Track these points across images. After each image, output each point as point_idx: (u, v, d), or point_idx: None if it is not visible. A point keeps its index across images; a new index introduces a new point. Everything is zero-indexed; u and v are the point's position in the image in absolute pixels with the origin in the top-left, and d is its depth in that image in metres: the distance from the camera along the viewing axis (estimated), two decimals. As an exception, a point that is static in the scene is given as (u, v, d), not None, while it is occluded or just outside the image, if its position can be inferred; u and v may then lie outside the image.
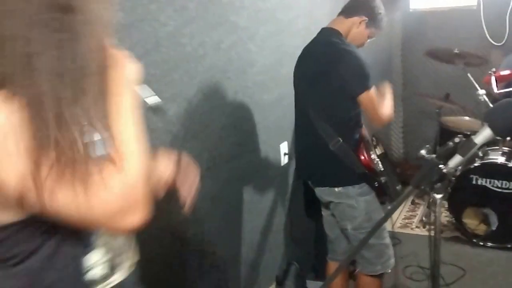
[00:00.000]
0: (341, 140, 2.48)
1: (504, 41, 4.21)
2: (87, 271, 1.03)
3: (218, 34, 2.43)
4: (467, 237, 3.92)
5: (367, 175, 2.54)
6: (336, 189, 2.59)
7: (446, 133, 4.30)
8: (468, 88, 3.91)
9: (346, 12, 2.60)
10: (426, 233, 4.08)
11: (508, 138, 3.73)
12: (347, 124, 2.54)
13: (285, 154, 3.14)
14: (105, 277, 1.13)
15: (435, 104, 4.29)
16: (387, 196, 2.70)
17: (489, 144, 3.67)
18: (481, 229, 3.80)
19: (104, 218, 0.86)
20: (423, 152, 1.55)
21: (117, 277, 1.18)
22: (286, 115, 3.07)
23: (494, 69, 3.73)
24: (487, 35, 4.42)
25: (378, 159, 2.66)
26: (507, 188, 3.64)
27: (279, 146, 3.10)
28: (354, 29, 2.56)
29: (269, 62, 2.91)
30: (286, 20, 3.07)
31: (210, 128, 2.42)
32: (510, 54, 4.41)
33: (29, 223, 0.86)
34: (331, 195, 2.64)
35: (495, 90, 3.70)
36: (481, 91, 3.72)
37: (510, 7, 4.07)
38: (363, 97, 2.42)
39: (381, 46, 4.48)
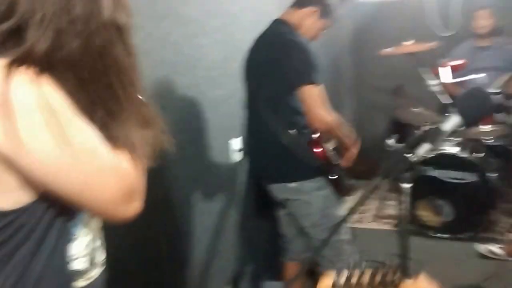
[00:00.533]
0: (294, 133, 2.41)
1: (453, 31, 4.26)
2: (71, 261, 1.03)
3: (166, 26, 2.32)
4: (421, 229, 3.93)
5: (323, 168, 2.47)
6: (292, 184, 2.50)
7: (399, 126, 4.31)
8: (421, 79, 3.92)
9: (298, 3, 2.54)
10: (380, 227, 4.15)
11: (462, 128, 3.75)
12: (300, 116, 2.46)
13: (237, 150, 3.05)
14: (85, 271, 1.07)
15: (387, 97, 4.29)
16: (343, 191, 2.64)
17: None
18: (435, 221, 3.81)
19: (115, 201, 0.93)
20: (391, 142, 1.49)
21: (95, 273, 1.11)
22: (237, 111, 2.98)
23: (446, 59, 3.76)
24: (437, 25, 4.46)
25: (333, 152, 2.60)
26: (461, 179, 3.66)
27: (230, 143, 3.00)
28: (307, 20, 2.50)
29: (220, 56, 2.81)
30: (235, 12, 2.99)
31: (161, 126, 2.29)
32: (460, 44, 4.49)
33: (27, 209, 0.92)
34: (286, 192, 2.55)
35: (448, 79, 3.71)
36: (434, 82, 3.72)
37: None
38: (303, 90, 2.33)
39: (329, 38, 4.45)
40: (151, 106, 1.05)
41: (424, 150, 1.45)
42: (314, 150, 2.48)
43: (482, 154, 3.78)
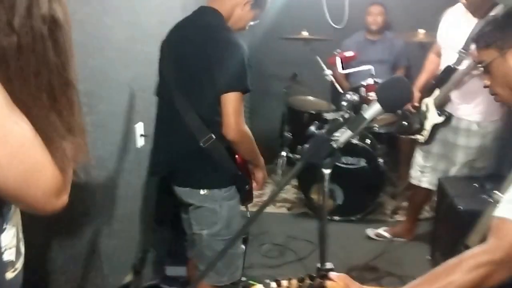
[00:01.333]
0: (214, 137, 2.23)
1: (343, 24, 4.45)
2: (4, 251, 1.01)
3: (70, 4, 2.18)
4: (314, 212, 4.11)
5: (240, 177, 2.36)
6: (202, 191, 2.32)
7: (293, 113, 4.46)
8: (315, 68, 4.07)
9: None
10: (276, 211, 4.27)
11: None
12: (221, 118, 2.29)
13: (141, 135, 2.97)
14: (14, 262, 1.05)
15: (282, 84, 4.40)
16: (249, 200, 2.55)
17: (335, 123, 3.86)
18: (328, 204, 3.98)
19: (48, 196, 0.92)
20: (312, 128, 1.53)
21: (19, 264, 1.07)
22: (141, 94, 2.91)
23: (339, 50, 3.93)
24: (328, 17, 4.63)
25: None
26: (351, 164, 3.85)
27: (134, 127, 2.92)
28: (238, 10, 2.32)
29: (124, 37, 2.71)
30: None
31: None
32: (350, 36, 4.72)
33: None
34: (193, 197, 2.36)
35: (340, 70, 3.91)
36: (328, 71, 3.89)
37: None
38: (230, 96, 2.17)
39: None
40: (80, 114, 1.04)
41: (345, 136, 1.51)
42: (234, 156, 2.38)
43: (370, 141, 4.02)
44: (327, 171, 1.61)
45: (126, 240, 2.92)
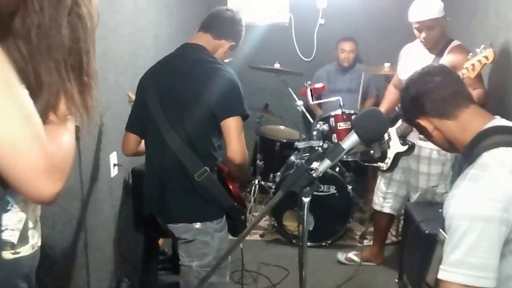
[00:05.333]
0: (208, 170, 2.24)
1: (312, 57, 4.56)
2: (2, 230, 1.03)
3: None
4: (287, 238, 4.16)
5: (234, 208, 2.35)
6: (196, 225, 2.30)
7: (264, 142, 4.52)
8: (286, 99, 4.16)
9: (214, 32, 2.40)
10: (249, 238, 4.28)
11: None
12: (216, 150, 2.33)
13: (114, 165, 2.98)
14: (13, 246, 1.06)
15: (255, 114, 4.47)
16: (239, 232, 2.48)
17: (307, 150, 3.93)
18: (299, 230, 4.03)
19: (36, 171, 0.91)
20: (292, 157, 1.59)
21: (23, 251, 1.08)
22: (114, 124, 2.92)
23: (309, 82, 4.04)
24: (298, 50, 4.74)
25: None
26: (321, 191, 3.92)
27: (108, 157, 2.93)
28: (221, 51, 2.43)
29: (97, 67, 2.73)
30: (112, 24, 2.92)
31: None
32: (320, 69, 4.83)
33: None
34: (187, 232, 2.33)
35: (311, 101, 4.02)
36: (299, 102, 3.98)
37: (317, 25, 4.41)
38: (232, 121, 2.22)
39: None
40: (91, 96, 1.13)
41: (325, 166, 1.57)
42: (229, 187, 2.39)
43: (339, 169, 4.10)
44: (306, 200, 1.66)
45: (98, 270, 2.89)
